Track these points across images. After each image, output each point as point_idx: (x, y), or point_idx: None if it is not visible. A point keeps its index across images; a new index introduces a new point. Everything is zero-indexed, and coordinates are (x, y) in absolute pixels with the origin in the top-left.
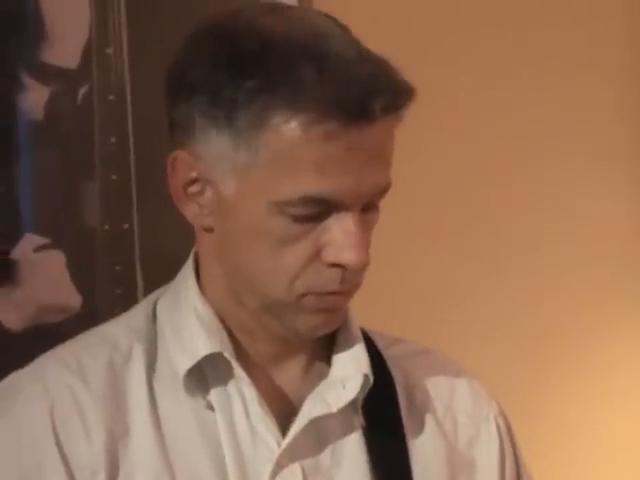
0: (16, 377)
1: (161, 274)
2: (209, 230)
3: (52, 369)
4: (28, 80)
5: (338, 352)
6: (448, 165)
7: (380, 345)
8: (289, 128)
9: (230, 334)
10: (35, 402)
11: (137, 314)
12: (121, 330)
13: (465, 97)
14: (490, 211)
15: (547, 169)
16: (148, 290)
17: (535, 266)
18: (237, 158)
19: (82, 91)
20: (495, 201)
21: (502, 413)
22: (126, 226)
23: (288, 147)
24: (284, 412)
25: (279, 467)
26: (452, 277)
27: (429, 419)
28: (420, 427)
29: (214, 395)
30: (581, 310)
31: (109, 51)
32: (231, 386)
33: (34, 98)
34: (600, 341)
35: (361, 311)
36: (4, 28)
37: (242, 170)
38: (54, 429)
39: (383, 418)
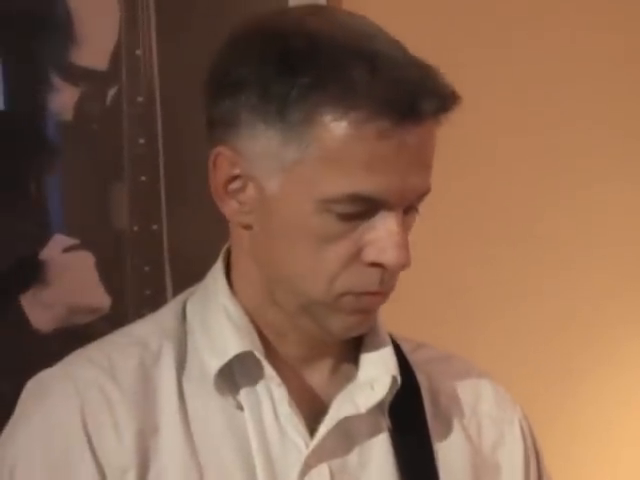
0: (46, 375)
1: (190, 275)
2: (247, 228)
3: (82, 368)
4: (57, 81)
5: (366, 354)
6: (468, 166)
7: (405, 349)
8: (341, 126)
9: (260, 334)
10: (66, 400)
11: (166, 314)
12: (151, 330)
13: (487, 101)
14: (510, 206)
15: (566, 164)
16: (177, 291)
17: (556, 265)
18: (285, 154)
19: (111, 92)
20: (516, 196)
21: (525, 417)
22: (155, 227)
23: (339, 144)
24: (312, 413)
25: (307, 468)
26: (469, 273)
27: (454, 423)
28: (445, 431)
29: (243, 395)
30: (599, 308)
31: (138, 53)
32: (260, 386)
33: (63, 99)
34: (617, 338)
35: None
36: (34, 29)
37: (289, 167)
38: (84, 427)
39: (409, 420)
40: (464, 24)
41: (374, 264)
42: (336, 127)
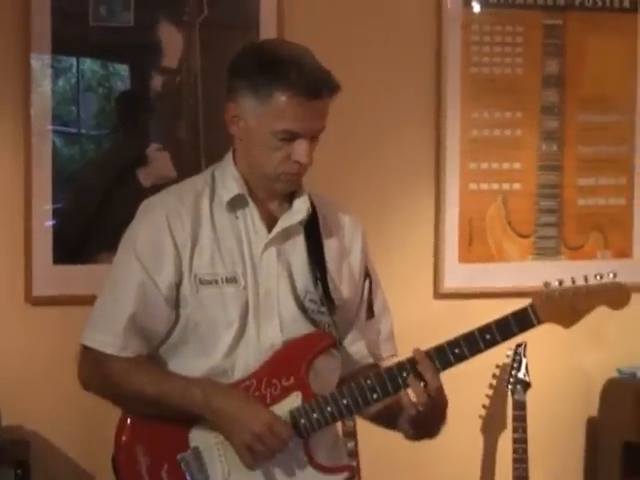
0: (150, 200)
1: (213, 160)
2: (240, 140)
3: (168, 197)
4: (154, 73)
5: (296, 198)
6: (343, 118)
7: (313, 197)
8: (282, 97)
9: (247, 186)
10: (159, 212)
11: (206, 174)
12: (198, 181)
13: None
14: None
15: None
16: (207, 166)
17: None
18: (256, 109)
19: (178, 79)
20: (358, 130)
21: (364, 231)
22: (197, 138)
23: (281, 106)
24: (270, 222)
25: (266, 247)
26: (338, 165)
27: (331, 233)
28: (328, 235)
29: (239, 213)
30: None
31: (192, 60)
32: (247, 210)
33: (157, 82)
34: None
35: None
36: (142, 49)
37: (258, 115)
38: (168, 224)
39: (313, 230)
40: (341, 50)
41: (296, 162)
42: (280, 98)
